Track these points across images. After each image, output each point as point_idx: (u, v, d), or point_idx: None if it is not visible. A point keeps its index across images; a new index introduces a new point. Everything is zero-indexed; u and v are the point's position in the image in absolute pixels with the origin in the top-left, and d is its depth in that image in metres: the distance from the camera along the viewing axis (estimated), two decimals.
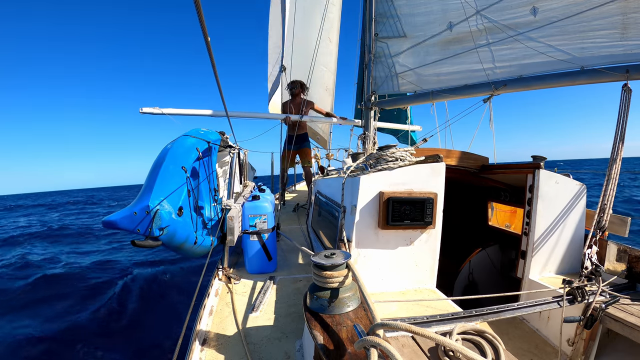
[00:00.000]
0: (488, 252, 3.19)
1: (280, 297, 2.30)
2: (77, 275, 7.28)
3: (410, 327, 0.81)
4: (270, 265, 2.79)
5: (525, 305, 1.65)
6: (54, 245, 11.10)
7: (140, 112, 4.11)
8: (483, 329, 1.32)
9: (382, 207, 1.87)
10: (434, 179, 1.96)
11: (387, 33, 3.98)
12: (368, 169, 2.04)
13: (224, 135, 2.97)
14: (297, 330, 1.86)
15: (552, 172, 2.25)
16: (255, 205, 2.74)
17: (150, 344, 4.67)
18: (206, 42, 1.11)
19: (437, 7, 3.48)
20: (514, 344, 2.04)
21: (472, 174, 2.92)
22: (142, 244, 1.86)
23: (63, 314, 5.45)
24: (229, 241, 2.52)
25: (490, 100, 3.48)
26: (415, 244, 1.98)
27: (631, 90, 2.14)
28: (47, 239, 12.49)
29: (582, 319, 1.73)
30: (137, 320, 5.34)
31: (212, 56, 1.23)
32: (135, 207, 1.92)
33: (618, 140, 2.01)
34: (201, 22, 0.99)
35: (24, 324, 5.03)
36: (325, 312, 1.11)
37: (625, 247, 2.10)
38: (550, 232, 2.24)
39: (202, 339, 1.73)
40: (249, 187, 3.81)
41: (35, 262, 8.35)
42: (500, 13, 3.00)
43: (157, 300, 6.15)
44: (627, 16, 2.32)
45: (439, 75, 3.65)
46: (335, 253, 1.20)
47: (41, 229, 14.87)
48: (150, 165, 2.21)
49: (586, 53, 2.57)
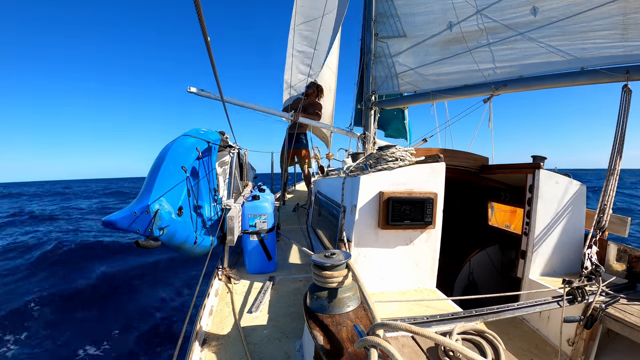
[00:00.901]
0: (488, 252, 3.19)
1: (280, 297, 2.30)
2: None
3: (410, 327, 0.81)
4: (270, 265, 2.79)
5: (525, 305, 1.65)
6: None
7: (187, 91, 4.12)
8: (483, 329, 1.32)
9: (382, 207, 1.87)
10: (434, 179, 1.96)
11: (387, 33, 3.98)
12: (368, 169, 2.04)
13: (224, 135, 2.97)
14: (297, 330, 1.86)
15: (552, 172, 2.26)
16: (255, 205, 2.74)
17: (151, 344, 4.67)
18: (206, 42, 1.10)
19: (437, 6, 3.47)
20: (514, 344, 2.04)
21: (472, 174, 2.92)
22: (142, 245, 1.85)
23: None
24: (228, 241, 2.52)
25: (490, 101, 3.48)
26: (415, 244, 1.98)
27: (631, 91, 2.14)
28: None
29: (582, 319, 1.73)
30: (137, 321, 5.34)
31: (211, 56, 1.23)
32: (135, 207, 1.92)
33: (618, 140, 2.01)
34: (201, 22, 0.98)
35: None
36: (325, 312, 1.11)
37: (625, 247, 2.10)
38: (550, 232, 2.24)
39: (202, 339, 1.72)
40: (249, 187, 3.81)
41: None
42: (500, 13, 3.00)
43: (157, 300, 6.15)
44: (628, 17, 2.32)
45: (438, 75, 3.65)
46: (335, 253, 1.20)
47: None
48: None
49: (586, 53, 2.57)
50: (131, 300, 6.11)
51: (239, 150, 3.47)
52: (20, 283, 6.94)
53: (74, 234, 11.75)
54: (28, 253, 9.10)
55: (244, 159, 3.95)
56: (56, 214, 18.07)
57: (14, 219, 16.57)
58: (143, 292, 6.47)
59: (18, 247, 9.78)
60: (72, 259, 8.49)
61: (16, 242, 10.40)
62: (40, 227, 13.60)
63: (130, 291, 6.53)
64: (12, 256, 8.92)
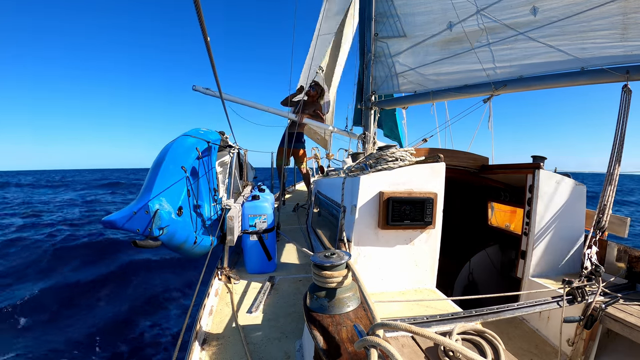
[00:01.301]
0: (488, 252, 3.19)
1: (280, 297, 2.30)
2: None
3: (410, 327, 0.81)
4: (270, 265, 2.79)
5: (525, 305, 1.65)
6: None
7: (192, 89, 4.15)
8: (483, 329, 1.32)
9: (382, 207, 1.87)
10: (433, 178, 1.96)
11: (387, 33, 3.98)
12: (368, 169, 2.04)
13: (224, 135, 2.97)
14: (297, 330, 1.86)
15: (552, 172, 2.26)
16: (255, 205, 2.74)
17: (150, 344, 4.67)
18: (206, 42, 1.10)
19: (437, 6, 3.47)
20: (514, 344, 2.04)
21: (472, 174, 2.92)
22: (142, 244, 1.85)
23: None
24: (228, 241, 2.52)
25: (490, 101, 3.48)
26: (415, 244, 1.98)
27: (631, 91, 2.14)
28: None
29: (582, 319, 1.73)
30: (136, 320, 5.34)
31: (211, 56, 1.23)
32: (134, 207, 1.92)
33: (618, 140, 2.01)
34: (201, 22, 0.98)
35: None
36: (325, 312, 1.11)
37: (625, 247, 2.10)
38: (550, 232, 2.24)
39: (202, 339, 1.73)
40: (249, 187, 3.81)
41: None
42: (500, 13, 3.00)
43: (156, 300, 6.15)
44: (628, 16, 2.32)
45: (438, 75, 3.65)
46: (335, 253, 1.20)
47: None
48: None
49: (586, 53, 2.57)
50: (130, 299, 6.10)
51: (239, 150, 3.48)
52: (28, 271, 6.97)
53: (74, 229, 11.75)
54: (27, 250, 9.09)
55: (243, 158, 3.95)
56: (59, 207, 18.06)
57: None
58: (142, 292, 6.47)
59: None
60: (72, 255, 8.50)
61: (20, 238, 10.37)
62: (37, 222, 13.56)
63: (130, 291, 6.53)
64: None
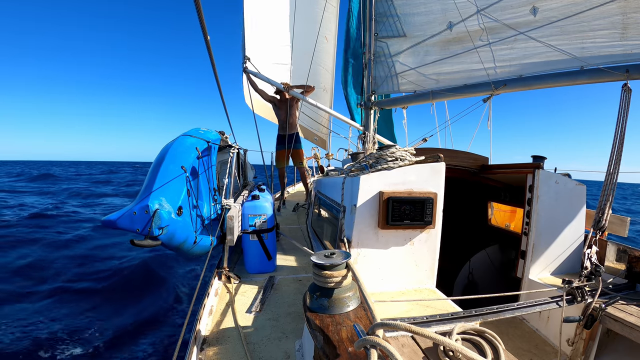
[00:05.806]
0: (488, 252, 3.19)
1: (280, 297, 2.30)
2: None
3: (410, 327, 0.81)
4: (270, 265, 2.79)
5: (525, 305, 1.65)
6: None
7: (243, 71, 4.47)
8: (483, 329, 1.32)
9: (382, 206, 1.87)
10: (433, 178, 1.96)
11: (386, 33, 3.98)
12: (368, 169, 2.04)
13: (224, 134, 2.97)
14: (297, 330, 1.86)
15: (551, 172, 2.26)
16: (255, 205, 2.74)
17: (149, 344, 4.67)
18: (206, 41, 1.10)
19: (437, 6, 3.47)
20: (514, 344, 2.04)
21: (472, 174, 2.92)
22: (141, 244, 1.85)
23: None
24: (228, 241, 2.52)
25: (490, 100, 3.48)
26: (415, 244, 1.98)
27: (631, 90, 2.14)
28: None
29: (581, 319, 1.73)
30: (135, 321, 5.33)
31: (211, 56, 1.23)
32: (134, 207, 1.92)
33: (618, 140, 2.01)
34: (201, 22, 0.99)
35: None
36: (325, 312, 1.11)
37: (625, 247, 2.10)
38: (550, 232, 2.24)
39: (201, 338, 1.73)
40: (249, 187, 3.81)
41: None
42: (500, 13, 3.00)
43: (156, 300, 6.14)
44: (627, 16, 2.32)
45: (438, 75, 3.65)
46: (335, 253, 1.20)
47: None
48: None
49: (586, 53, 2.57)
50: (130, 299, 6.10)
51: (239, 150, 3.48)
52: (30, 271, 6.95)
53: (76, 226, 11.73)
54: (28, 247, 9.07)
55: (243, 158, 3.95)
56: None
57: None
58: (142, 292, 6.46)
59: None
60: (73, 254, 8.49)
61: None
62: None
63: (129, 290, 6.52)
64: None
